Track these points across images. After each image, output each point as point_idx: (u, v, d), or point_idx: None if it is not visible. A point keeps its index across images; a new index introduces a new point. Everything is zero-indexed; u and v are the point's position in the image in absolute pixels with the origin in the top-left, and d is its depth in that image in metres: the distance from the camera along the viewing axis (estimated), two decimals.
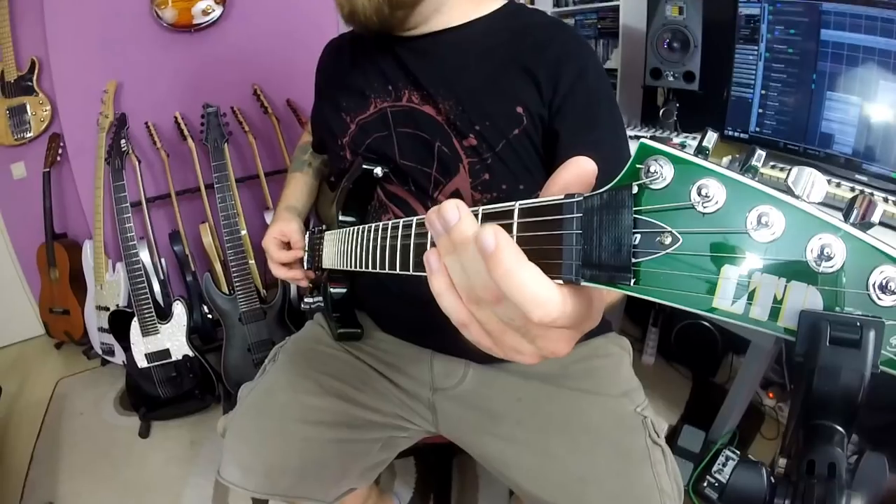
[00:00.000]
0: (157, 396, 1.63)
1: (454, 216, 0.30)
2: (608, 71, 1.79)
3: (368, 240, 0.52)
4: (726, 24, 1.34)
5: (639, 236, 0.26)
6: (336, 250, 0.71)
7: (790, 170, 0.23)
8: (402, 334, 0.87)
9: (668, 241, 0.25)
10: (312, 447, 0.78)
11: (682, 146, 1.37)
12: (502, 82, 0.70)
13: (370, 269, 0.52)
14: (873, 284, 0.21)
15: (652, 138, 1.46)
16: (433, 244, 0.33)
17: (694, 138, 1.41)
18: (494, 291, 0.29)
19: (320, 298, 0.88)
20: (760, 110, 1.32)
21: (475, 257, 0.29)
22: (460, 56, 0.73)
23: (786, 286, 0.22)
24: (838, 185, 1.10)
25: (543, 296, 0.27)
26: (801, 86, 1.21)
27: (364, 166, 0.75)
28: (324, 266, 0.81)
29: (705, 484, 1.25)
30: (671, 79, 1.52)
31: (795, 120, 1.25)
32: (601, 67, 0.73)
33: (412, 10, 0.70)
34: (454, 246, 0.31)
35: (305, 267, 0.89)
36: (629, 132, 1.51)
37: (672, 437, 1.39)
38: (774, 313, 0.22)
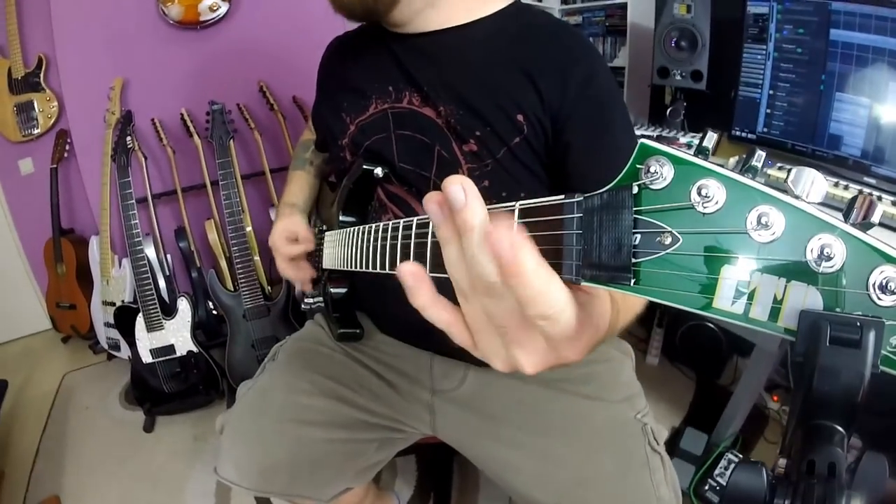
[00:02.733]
0: (162, 391, 1.64)
1: (460, 198, 0.28)
2: (615, 69, 1.78)
3: (368, 240, 0.51)
4: (735, 22, 1.33)
5: (639, 236, 0.26)
6: (336, 250, 0.71)
7: (790, 170, 0.23)
8: (401, 336, 0.87)
9: (668, 241, 0.25)
10: (306, 447, 0.79)
11: (689, 146, 1.36)
12: (503, 88, 0.69)
13: (370, 270, 0.52)
14: (873, 284, 0.20)
15: (659, 138, 1.46)
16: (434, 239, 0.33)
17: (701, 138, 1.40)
18: (489, 282, 0.28)
19: (320, 298, 0.88)
20: (768, 110, 1.30)
21: (479, 244, 0.28)
22: (461, 59, 0.71)
23: (786, 286, 0.22)
24: (846, 187, 1.09)
25: (559, 300, 0.27)
26: (810, 86, 1.20)
27: (364, 166, 0.74)
28: (324, 266, 0.80)
29: (706, 487, 1.24)
30: (679, 78, 1.51)
31: (804, 121, 1.23)
32: (608, 70, 0.71)
33: (397, 1, 0.68)
34: (456, 233, 0.29)
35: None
36: (636, 132, 1.50)
37: (674, 439, 1.38)
38: (774, 313, 0.22)
